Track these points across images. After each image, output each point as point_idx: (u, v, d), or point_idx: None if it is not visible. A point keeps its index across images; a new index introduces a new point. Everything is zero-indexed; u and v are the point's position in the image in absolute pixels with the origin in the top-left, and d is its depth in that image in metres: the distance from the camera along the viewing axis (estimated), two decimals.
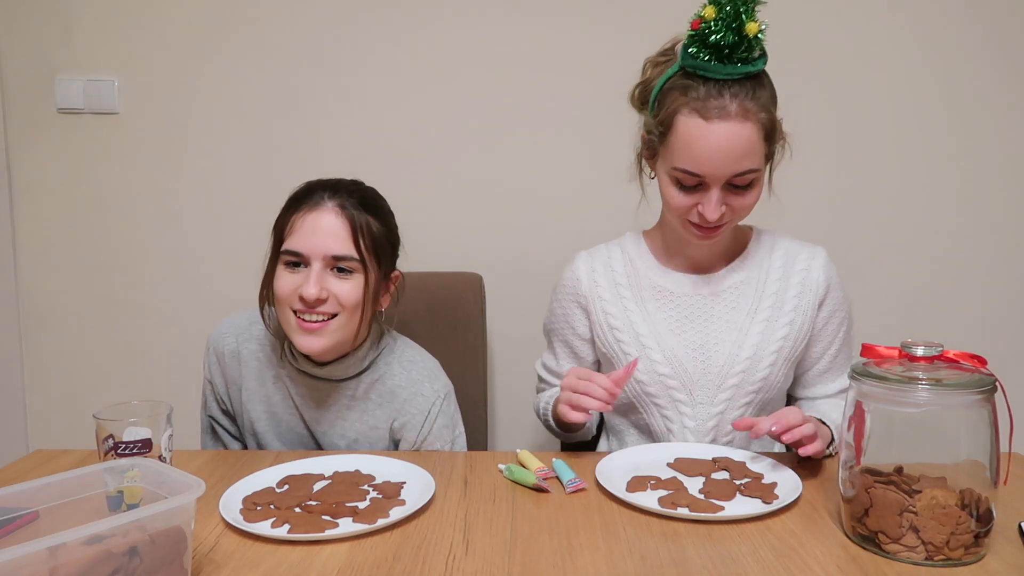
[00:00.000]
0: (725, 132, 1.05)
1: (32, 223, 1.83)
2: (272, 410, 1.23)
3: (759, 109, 1.07)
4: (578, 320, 1.28)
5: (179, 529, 0.73)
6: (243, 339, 1.25)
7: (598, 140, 1.74)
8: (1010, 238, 1.77)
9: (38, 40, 1.77)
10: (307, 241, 1.10)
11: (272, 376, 1.23)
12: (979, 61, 1.72)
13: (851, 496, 0.86)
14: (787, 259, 1.23)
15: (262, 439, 1.25)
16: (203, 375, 1.29)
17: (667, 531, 0.89)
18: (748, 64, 1.06)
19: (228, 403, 1.28)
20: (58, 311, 1.85)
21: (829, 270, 1.23)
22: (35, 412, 1.89)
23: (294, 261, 1.11)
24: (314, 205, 1.12)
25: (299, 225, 1.11)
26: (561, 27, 1.74)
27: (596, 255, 1.29)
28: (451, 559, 0.82)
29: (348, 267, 1.11)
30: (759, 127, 1.07)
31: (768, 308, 1.20)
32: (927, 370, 0.84)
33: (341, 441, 1.22)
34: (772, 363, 1.19)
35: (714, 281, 1.22)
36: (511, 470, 1.05)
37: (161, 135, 1.80)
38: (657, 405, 1.21)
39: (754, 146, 1.07)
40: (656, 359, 1.20)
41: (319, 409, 1.21)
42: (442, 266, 1.67)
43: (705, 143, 1.06)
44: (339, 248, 1.10)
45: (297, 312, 1.11)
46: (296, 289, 1.10)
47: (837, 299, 1.23)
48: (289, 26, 1.75)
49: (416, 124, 1.77)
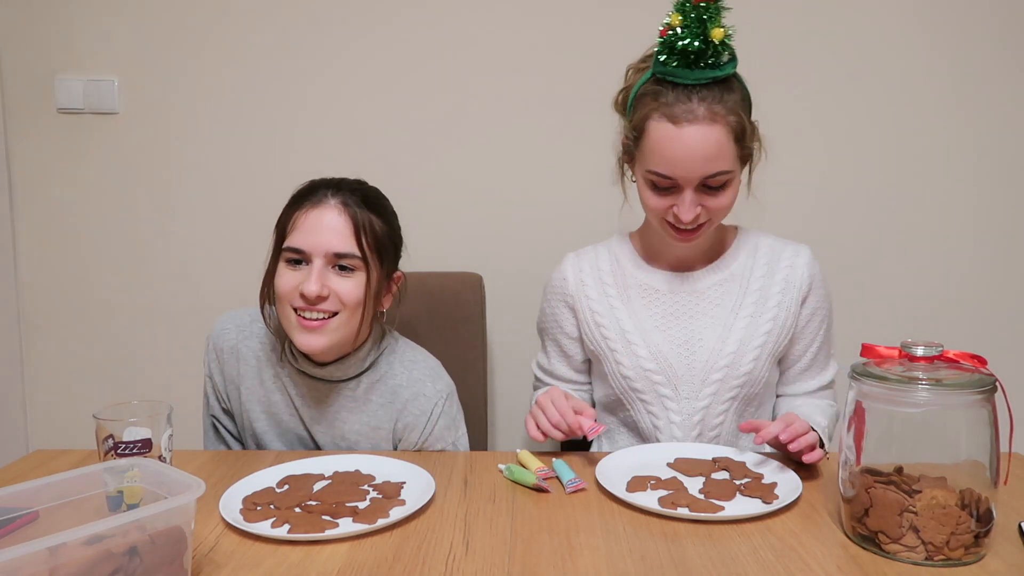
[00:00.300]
0: (693, 135, 1.09)
1: (32, 223, 1.83)
2: (271, 410, 1.23)
3: (727, 112, 1.10)
4: (566, 320, 1.30)
5: (179, 529, 0.73)
6: (243, 336, 1.25)
7: (598, 141, 1.73)
8: (1010, 238, 1.77)
9: (38, 40, 1.77)
10: (309, 238, 1.10)
11: (271, 375, 1.22)
12: (978, 59, 1.72)
13: (851, 496, 0.86)
14: (771, 256, 1.25)
15: (261, 439, 1.25)
16: (204, 373, 1.29)
17: (667, 531, 0.89)
18: (716, 69, 1.09)
19: (227, 401, 1.28)
20: (58, 311, 1.85)
21: (813, 267, 1.25)
22: (35, 412, 1.89)
23: (296, 259, 1.11)
24: (316, 202, 1.12)
25: (301, 222, 1.11)
26: (562, 28, 1.74)
27: (583, 256, 1.31)
28: (451, 559, 0.82)
29: (350, 265, 1.11)
30: (728, 130, 1.10)
31: (752, 304, 1.22)
32: (927, 370, 0.84)
33: (342, 443, 1.22)
34: (756, 357, 1.20)
35: (698, 279, 1.25)
36: (511, 470, 1.05)
37: (161, 135, 1.80)
38: (643, 401, 1.23)
39: (723, 148, 1.10)
40: (641, 354, 1.22)
41: (318, 410, 1.21)
42: (442, 266, 1.67)
43: (675, 146, 1.09)
44: (341, 245, 1.10)
45: (298, 310, 1.11)
46: (297, 286, 1.10)
47: (820, 296, 1.25)
48: (289, 26, 1.75)
49: (417, 125, 1.77)
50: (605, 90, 1.56)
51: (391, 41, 1.75)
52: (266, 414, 1.23)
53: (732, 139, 1.11)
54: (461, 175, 1.78)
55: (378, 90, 1.76)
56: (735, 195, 1.16)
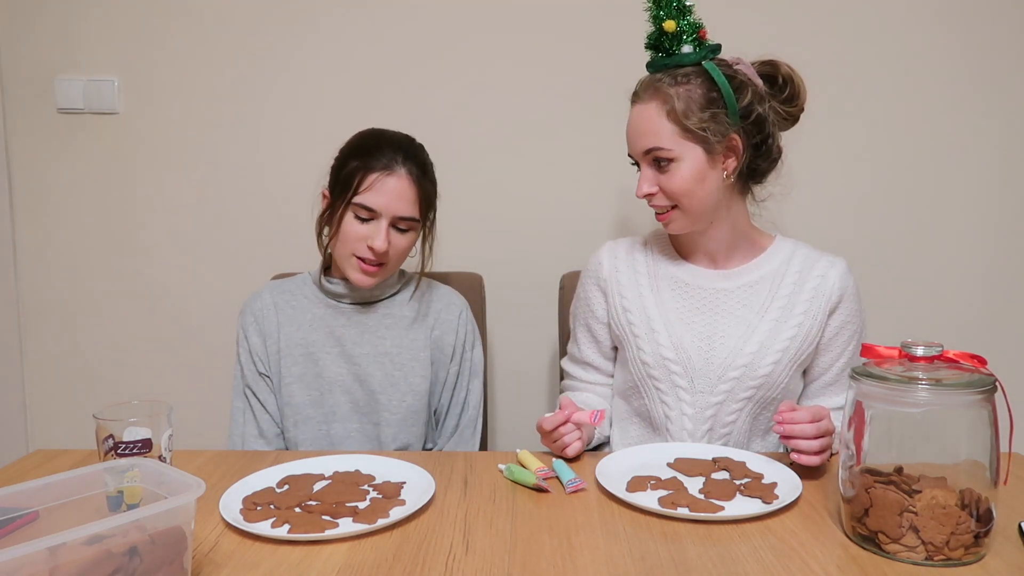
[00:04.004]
0: (636, 113, 1.22)
1: (32, 223, 1.83)
2: (310, 351, 1.32)
3: (667, 91, 1.17)
4: (597, 303, 1.33)
5: (179, 529, 0.73)
6: (276, 292, 1.37)
7: (598, 142, 1.74)
8: (1011, 238, 1.77)
9: (38, 40, 1.77)
10: (382, 200, 1.24)
11: (308, 320, 1.34)
12: (981, 60, 1.72)
13: (851, 496, 0.86)
14: (805, 265, 1.26)
15: (293, 389, 1.31)
16: (237, 353, 1.35)
17: (667, 531, 0.89)
18: (669, 56, 1.19)
19: (266, 361, 1.33)
20: (58, 311, 1.85)
21: (846, 280, 1.24)
22: (35, 412, 1.89)
23: (365, 217, 1.25)
24: (388, 167, 1.25)
25: (378, 185, 1.25)
26: (563, 30, 1.74)
27: (620, 244, 1.36)
28: (451, 559, 0.82)
29: (408, 227, 1.28)
30: (664, 107, 1.17)
31: (779, 309, 1.22)
32: (927, 370, 0.84)
33: (384, 359, 1.32)
34: (776, 361, 1.20)
35: (729, 277, 1.26)
36: (511, 470, 1.05)
37: (161, 135, 1.80)
38: (658, 389, 1.24)
39: (654, 123, 1.18)
40: (662, 342, 1.24)
41: (358, 331, 1.33)
42: (442, 266, 1.67)
43: (629, 122, 1.23)
44: (407, 211, 1.26)
45: (359, 256, 1.26)
46: (364, 238, 1.26)
47: (851, 310, 1.24)
48: (290, 26, 1.75)
49: (417, 125, 1.76)
50: (606, 91, 1.57)
51: (392, 42, 1.75)
52: (304, 356, 1.32)
53: (667, 117, 1.17)
54: (461, 175, 1.78)
55: (379, 90, 1.76)
56: (688, 180, 1.18)
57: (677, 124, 1.16)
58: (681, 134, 1.17)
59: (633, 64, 1.33)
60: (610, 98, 1.40)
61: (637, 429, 1.30)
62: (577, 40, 1.74)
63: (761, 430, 1.25)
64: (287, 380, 1.31)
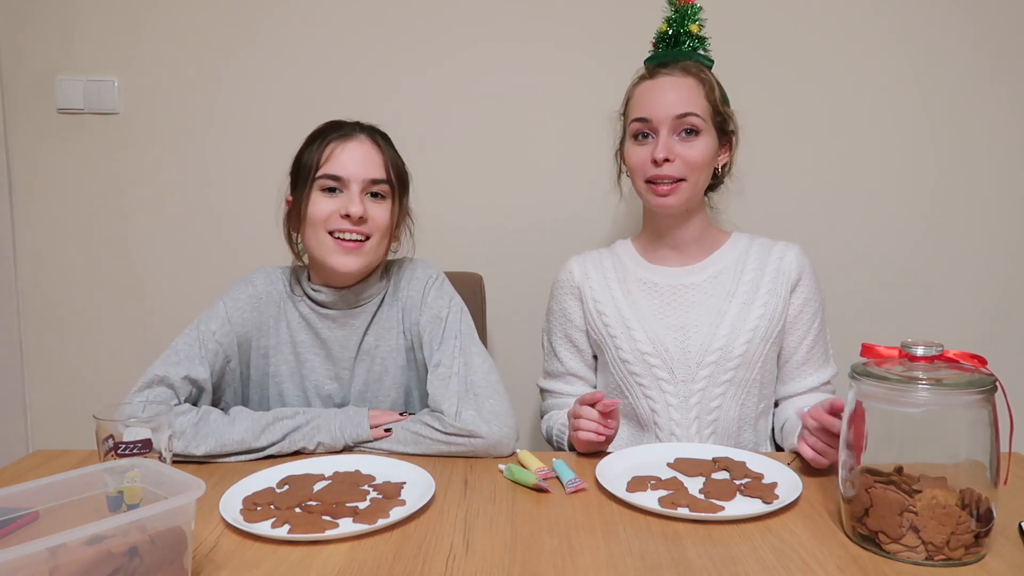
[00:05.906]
0: (667, 81, 1.25)
1: (32, 223, 1.83)
2: (297, 350, 1.26)
3: (700, 73, 1.25)
4: (573, 310, 1.37)
5: (179, 529, 0.73)
6: (267, 289, 1.29)
7: (598, 143, 1.74)
8: (1011, 238, 1.77)
9: (38, 40, 1.77)
10: (348, 166, 1.19)
11: (285, 324, 1.27)
12: (970, 57, 1.72)
13: (851, 496, 0.86)
14: (762, 251, 1.32)
15: (283, 388, 1.27)
16: (198, 335, 1.20)
17: (667, 531, 0.89)
18: (692, 53, 1.27)
19: (241, 367, 1.24)
20: (58, 311, 1.85)
21: (802, 260, 1.31)
22: (35, 412, 1.89)
23: (332, 186, 1.19)
24: (347, 135, 1.21)
25: (338, 152, 1.20)
26: (564, 32, 1.74)
27: (586, 255, 1.40)
28: (451, 559, 0.82)
29: (381, 192, 1.21)
30: (699, 83, 1.24)
31: (744, 293, 1.28)
32: (927, 370, 0.84)
33: (365, 358, 1.26)
34: (748, 340, 1.25)
35: (695, 272, 1.32)
36: (511, 470, 1.05)
37: (161, 135, 1.80)
38: (641, 385, 1.28)
39: (693, 95, 1.23)
40: (639, 339, 1.28)
41: (342, 332, 1.26)
42: (442, 266, 1.66)
43: (650, 91, 1.25)
44: (377, 172, 1.20)
45: (334, 233, 1.18)
46: (336, 211, 1.18)
47: (810, 288, 1.31)
48: (290, 26, 1.75)
49: (417, 125, 1.77)
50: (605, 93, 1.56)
51: (393, 43, 1.76)
52: (294, 355, 1.26)
53: (703, 94, 1.24)
54: (461, 176, 1.78)
55: (379, 92, 1.76)
56: (707, 153, 1.24)
57: (712, 105, 1.25)
58: (711, 116, 1.25)
59: (633, 65, 1.35)
60: (610, 99, 1.40)
61: (626, 430, 1.32)
62: (579, 45, 1.74)
63: (751, 419, 1.28)
64: (276, 379, 1.27)
